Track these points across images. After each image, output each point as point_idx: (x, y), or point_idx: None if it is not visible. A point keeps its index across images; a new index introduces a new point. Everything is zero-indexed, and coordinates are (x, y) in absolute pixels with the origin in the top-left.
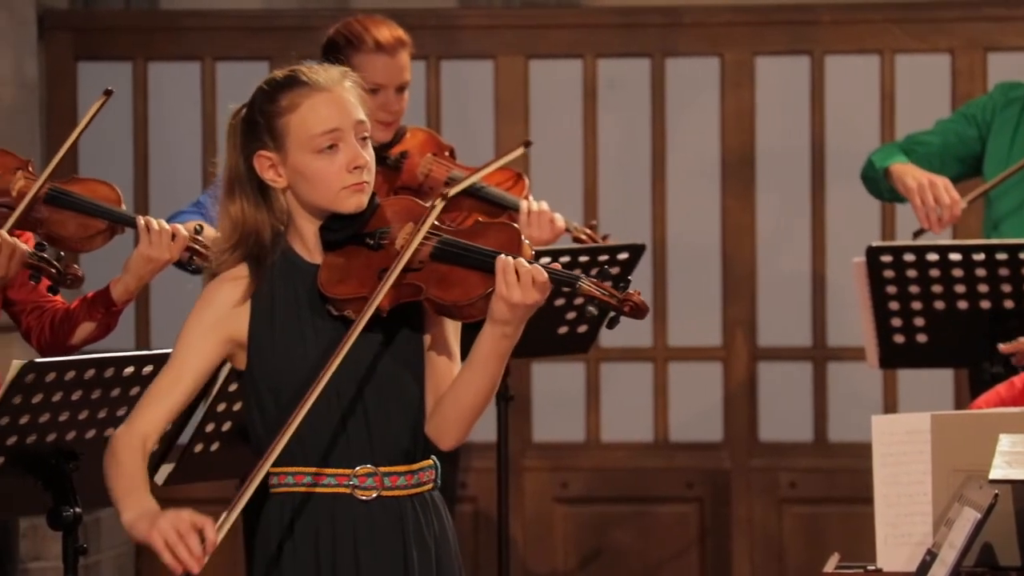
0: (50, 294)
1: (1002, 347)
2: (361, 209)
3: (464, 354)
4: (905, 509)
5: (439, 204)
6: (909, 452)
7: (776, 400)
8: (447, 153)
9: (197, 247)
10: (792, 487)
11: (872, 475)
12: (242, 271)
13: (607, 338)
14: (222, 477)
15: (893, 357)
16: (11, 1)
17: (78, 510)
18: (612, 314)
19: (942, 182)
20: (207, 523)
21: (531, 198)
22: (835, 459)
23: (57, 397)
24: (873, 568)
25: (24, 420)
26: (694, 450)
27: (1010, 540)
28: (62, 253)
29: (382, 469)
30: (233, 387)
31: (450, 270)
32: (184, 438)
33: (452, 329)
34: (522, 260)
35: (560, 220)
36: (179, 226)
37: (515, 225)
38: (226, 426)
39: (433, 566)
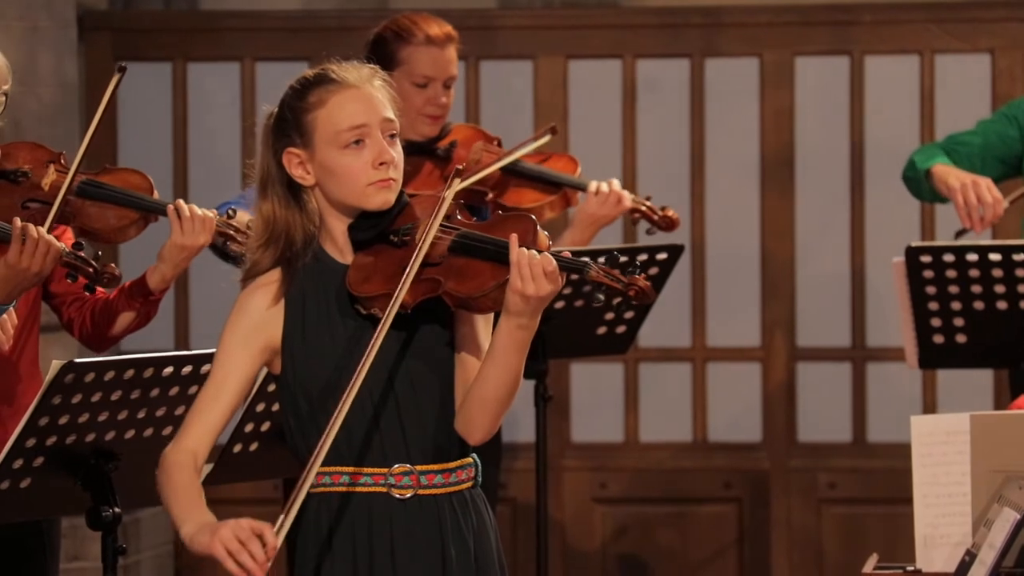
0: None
1: None
2: (388, 206)
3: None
4: (944, 510)
5: (449, 196)
6: (948, 453)
7: (815, 400)
8: (495, 143)
9: (230, 231)
10: (831, 487)
11: (911, 475)
12: (273, 276)
13: (645, 338)
14: (261, 477)
15: (932, 357)
16: (51, 2)
17: (117, 510)
18: (618, 299)
19: (984, 182)
20: (266, 528)
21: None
22: (874, 459)
23: (96, 397)
24: (912, 569)
25: (63, 420)
26: (733, 450)
27: None
28: (99, 252)
29: (418, 468)
30: (271, 387)
31: (467, 263)
32: (223, 438)
33: (483, 325)
34: (533, 252)
35: (628, 199)
36: (208, 211)
37: (531, 216)
38: (265, 426)
39: (472, 563)
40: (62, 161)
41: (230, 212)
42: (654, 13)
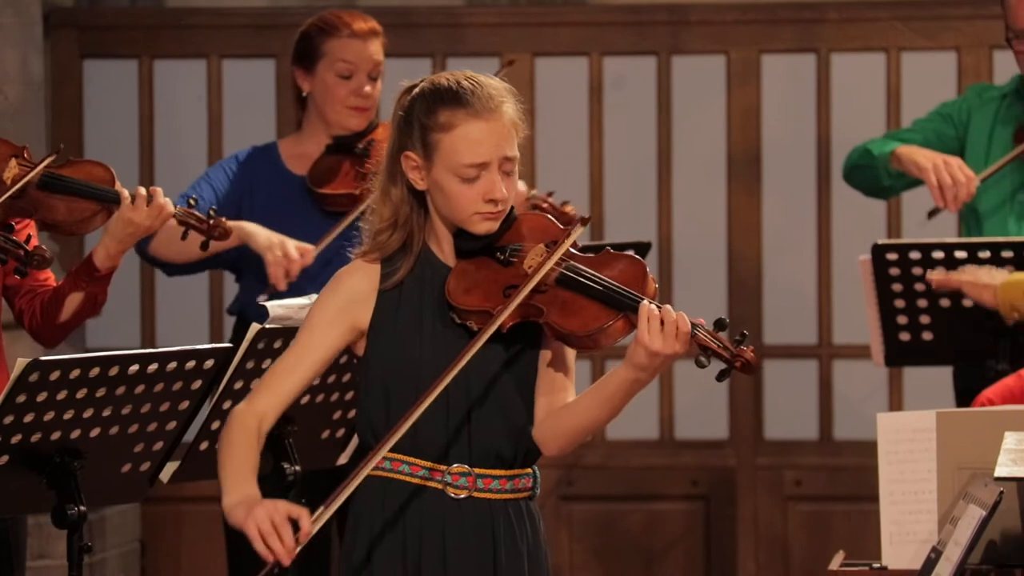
0: (36, 277)
1: (931, 275)
2: (491, 233)
3: None
4: (910, 507)
5: (577, 231)
6: (914, 450)
7: (781, 398)
8: None
9: (191, 221)
10: (797, 485)
11: (877, 473)
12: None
13: None
14: None
15: (898, 355)
16: None
17: (83, 508)
18: (724, 367)
19: (955, 160)
20: (303, 515)
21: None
22: (840, 457)
23: (61, 395)
24: (878, 566)
25: (28, 418)
26: (699, 448)
27: (1015, 537)
28: (30, 234)
29: (476, 470)
30: (239, 385)
31: (572, 298)
32: (189, 436)
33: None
34: (669, 309)
35: (522, 187)
36: (160, 192)
37: (642, 261)
38: None
39: (526, 573)
40: (25, 155)
41: (192, 200)
42: (621, 11)
